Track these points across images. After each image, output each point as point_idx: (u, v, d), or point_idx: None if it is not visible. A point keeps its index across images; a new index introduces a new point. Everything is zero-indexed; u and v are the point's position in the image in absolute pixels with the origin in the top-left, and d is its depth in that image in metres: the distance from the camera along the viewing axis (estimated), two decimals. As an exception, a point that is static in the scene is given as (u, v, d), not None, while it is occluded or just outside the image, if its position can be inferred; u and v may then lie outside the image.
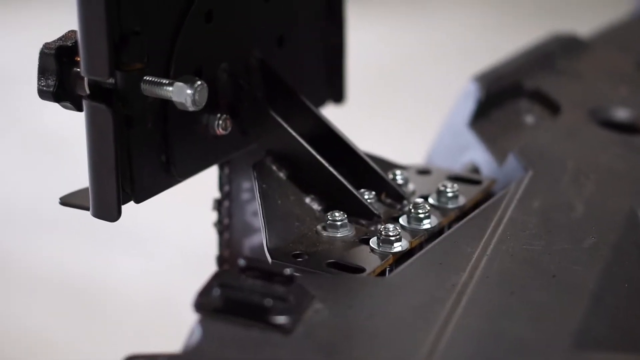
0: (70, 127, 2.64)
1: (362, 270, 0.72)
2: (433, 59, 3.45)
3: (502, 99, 1.00)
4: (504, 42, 3.41)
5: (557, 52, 1.08)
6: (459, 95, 1.01)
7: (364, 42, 3.37)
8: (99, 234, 2.37)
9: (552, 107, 0.99)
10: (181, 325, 0.87)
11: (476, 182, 0.85)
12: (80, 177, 0.77)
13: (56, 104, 0.73)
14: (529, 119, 0.99)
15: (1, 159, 2.77)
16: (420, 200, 0.79)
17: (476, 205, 0.82)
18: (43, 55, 0.71)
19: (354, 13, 0.95)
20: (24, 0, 3.94)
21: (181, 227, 2.43)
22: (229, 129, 0.79)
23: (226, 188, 0.89)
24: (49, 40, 0.72)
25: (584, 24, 1.68)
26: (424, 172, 0.87)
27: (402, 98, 3.17)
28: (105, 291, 2.25)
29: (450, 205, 0.81)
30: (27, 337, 2.09)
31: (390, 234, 0.74)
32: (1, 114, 3.04)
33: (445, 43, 3.58)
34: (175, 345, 0.68)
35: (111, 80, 0.70)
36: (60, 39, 0.72)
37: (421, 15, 3.85)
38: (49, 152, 2.81)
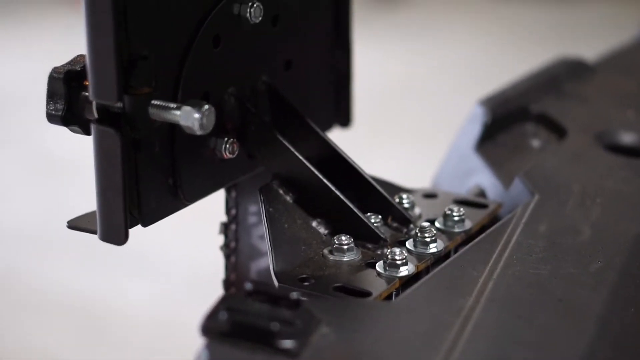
0: (77, 150, 2.65)
1: (368, 294, 0.72)
2: (439, 81, 3.45)
3: (508, 122, 1.01)
4: (511, 65, 3.42)
5: (564, 76, 1.08)
6: (465, 118, 1.01)
7: (371, 63, 3.38)
8: (106, 256, 2.38)
9: (558, 130, 0.99)
10: (188, 348, 0.87)
11: (482, 206, 0.85)
12: (88, 200, 0.78)
13: (64, 128, 0.73)
14: (535, 143, 1.00)
15: (10, 181, 2.78)
16: (426, 224, 0.80)
17: (482, 229, 0.82)
18: (52, 79, 0.72)
19: (360, 34, 0.95)
20: (36, 22, 3.96)
21: (188, 250, 2.44)
22: (236, 152, 0.79)
23: (233, 211, 0.89)
24: (53, 62, 0.72)
25: (590, 48, 1.69)
26: (430, 195, 0.87)
27: (408, 120, 3.17)
28: (112, 313, 2.25)
29: (456, 229, 0.81)
30: (34, 356, 2.09)
31: (397, 257, 0.75)
32: (8, 135, 3.05)
33: (451, 65, 3.59)
34: (182, 369, 0.68)
35: (119, 104, 0.70)
36: (69, 63, 0.72)
37: (428, 36, 3.86)
38: (57, 174, 2.82)
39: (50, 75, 0.72)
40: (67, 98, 0.72)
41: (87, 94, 0.71)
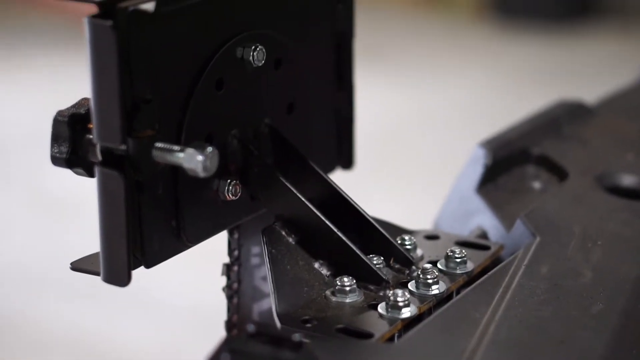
0: (80, 191, 2.65)
1: (370, 335, 0.72)
2: (437, 123, 3.46)
3: (509, 164, 1.01)
4: (509, 106, 3.43)
5: (564, 119, 1.09)
6: (466, 160, 1.02)
7: (373, 103, 3.40)
8: (109, 296, 2.37)
9: (559, 173, 1.00)
10: (190, 390, 0.87)
11: (484, 248, 0.85)
12: (90, 241, 0.78)
13: (68, 170, 0.74)
14: (536, 185, 1.00)
15: (13, 221, 2.78)
16: (428, 265, 0.80)
17: (484, 270, 0.82)
18: (56, 122, 0.72)
19: (363, 73, 0.96)
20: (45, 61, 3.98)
21: (190, 291, 2.43)
22: (239, 194, 0.80)
23: (235, 253, 0.89)
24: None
25: (590, 91, 1.70)
26: (432, 237, 0.88)
27: (410, 162, 3.18)
28: (115, 354, 2.25)
29: (458, 271, 0.81)
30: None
31: (399, 299, 0.75)
32: (9, 175, 3.05)
33: (452, 107, 3.60)
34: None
35: (123, 147, 0.70)
36: (73, 106, 0.73)
37: (430, 78, 3.88)
38: (59, 215, 2.82)
39: (54, 118, 0.72)
40: (72, 141, 0.72)
41: (91, 136, 0.72)
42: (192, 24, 0.75)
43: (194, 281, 2.38)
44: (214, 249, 0.98)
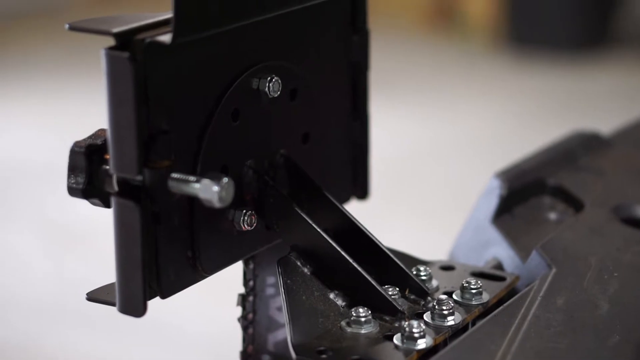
0: (95, 220, 2.66)
1: (386, 367, 0.72)
2: (456, 152, 3.46)
3: (525, 195, 1.01)
4: (526, 137, 3.43)
5: (580, 150, 1.09)
6: (482, 191, 1.02)
7: (387, 132, 3.40)
8: (125, 327, 2.37)
9: (575, 204, 0.99)
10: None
11: (500, 279, 0.85)
12: (105, 270, 0.78)
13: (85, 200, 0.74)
14: (552, 216, 1.00)
15: (28, 252, 2.79)
16: (444, 296, 0.80)
17: (500, 302, 0.82)
18: (73, 153, 0.73)
19: (377, 101, 0.96)
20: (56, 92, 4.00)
21: (205, 322, 2.43)
22: (254, 224, 0.80)
23: (251, 283, 0.89)
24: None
25: (606, 122, 1.70)
26: (447, 268, 0.88)
27: (425, 192, 3.18)
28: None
29: (474, 302, 0.81)
30: None
31: (414, 330, 0.75)
32: (27, 206, 3.07)
33: (467, 137, 3.60)
34: None
35: (139, 178, 0.71)
36: (90, 137, 0.73)
37: (445, 107, 3.88)
38: (74, 245, 2.83)
39: (71, 149, 0.73)
40: (88, 171, 0.73)
41: (107, 167, 0.72)
42: (208, 55, 0.75)
43: (209, 311, 2.38)
44: (230, 279, 0.98)
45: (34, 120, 3.73)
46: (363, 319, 0.77)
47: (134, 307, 0.72)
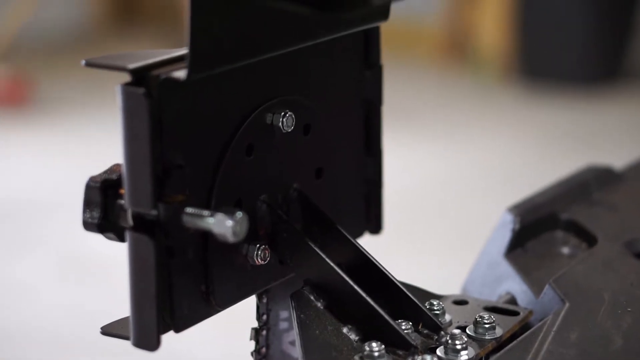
0: (110, 254, 2.66)
1: (399, 402, 0.72)
2: (468, 186, 3.46)
3: (538, 229, 1.01)
4: (539, 171, 3.43)
5: (592, 184, 1.09)
6: (494, 225, 1.02)
7: (399, 164, 3.40)
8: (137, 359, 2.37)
9: (588, 238, 0.99)
10: None
11: (513, 313, 0.85)
12: (119, 303, 0.79)
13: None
14: (565, 250, 1.00)
15: (42, 285, 2.79)
16: (457, 331, 0.80)
17: (513, 336, 0.82)
18: (89, 188, 0.73)
19: (389, 133, 0.96)
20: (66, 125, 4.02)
21: (219, 355, 2.43)
22: (268, 259, 0.80)
23: (264, 317, 0.89)
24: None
25: (619, 156, 1.70)
26: (460, 302, 0.88)
27: (437, 226, 3.17)
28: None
29: (487, 337, 0.81)
30: None
31: (428, 365, 0.75)
32: (42, 238, 3.07)
33: (479, 170, 3.60)
34: None
35: (154, 212, 0.71)
36: (105, 172, 0.74)
37: (456, 140, 3.88)
38: (88, 278, 2.83)
39: (87, 184, 0.73)
40: (103, 206, 0.73)
41: (122, 202, 0.73)
42: (223, 91, 0.76)
43: (222, 346, 2.37)
44: (243, 313, 0.98)
45: (47, 155, 3.75)
46: (376, 354, 0.77)
47: (148, 341, 0.72)
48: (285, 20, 0.76)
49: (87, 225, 0.73)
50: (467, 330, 0.81)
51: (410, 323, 0.81)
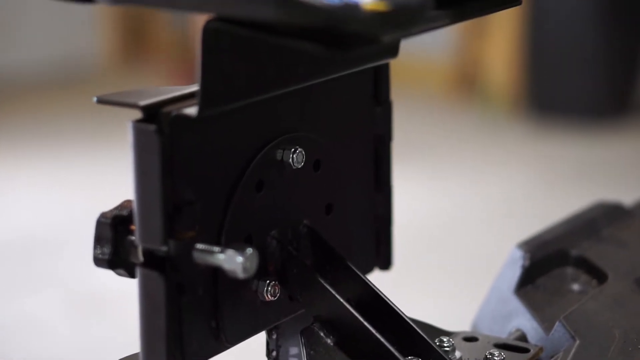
0: (120, 289, 2.66)
1: None
2: (477, 221, 3.46)
3: (548, 266, 1.01)
4: (548, 207, 3.42)
5: (602, 220, 1.09)
6: (504, 261, 1.02)
7: (407, 199, 3.40)
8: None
9: (598, 275, 0.99)
10: None
11: (523, 350, 0.85)
12: (128, 338, 0.78)
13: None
14: (576, 287, 1.00)
15: (53, 320, 2.79)
16: (467, 368, 0.79)
17: (524, 373, 0.82)
18: (100, 224, 0.73)
19: (397, 167, 0.97)
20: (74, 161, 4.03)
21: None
22: (278, 294, 0.80)
23: (274, 353, 0.89)
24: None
25: (628, 192, 1.70)
26: (470, 339, 0.87)
27: (446, 261, 3.17)
28: None
29: (497, 374, 0.80)
30: None
31: (438, 402, 0.74)
32: (51, 274, 3.08)
33: (488, 205, 3.60)
34: None
35: (164, 248, 0.71)
36: (116, 208, 0.74)
37: (466, 175, 3.88)
38: (97, 313, 2.83)
39: (97, 220, 0.74)
40: (114, 242, 0.73)
41: (133, 238, 0.73)
42: (233, 127, 0.76)
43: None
44: (253, 350, 0.98)
45: (59, 190, 3.76)
46: (386, 390, 0.76)
47: (158, 377, 0.72)
48: (295, 58, 0.76)
49: (98, 261, 0.73)
50: (478, 367, 0.81)
51: (420, 359, 0.81)
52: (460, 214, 3.54)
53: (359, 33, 0.66)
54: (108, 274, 0.78)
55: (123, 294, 2.68)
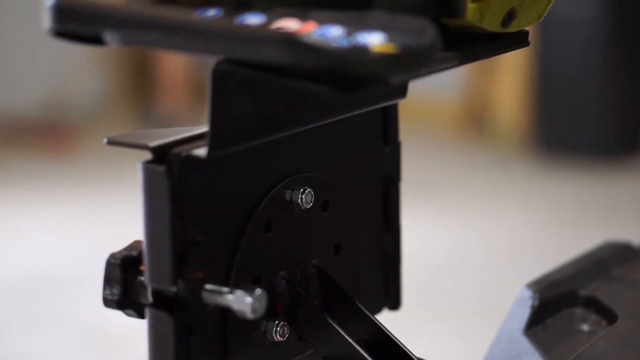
0: (129, 329, 2.66)
1: None
2: (486, 261, 3.45)
3: (557, 306, 1.01)
4: (557, 247, 3.42)
5: (612, 260, 1.09)
6: (513, 301, 1.02)
7: (417, 240, 3.40)
8: None
9: (608, 315, 0.99)
10: None
11: (533, 391, 0.85)
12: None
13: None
14: (585, 327, 0.99)
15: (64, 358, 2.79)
16: (476, 409, 0.79)
17: (533, 415, 0.81)
18: (109, 264, 0.74)
19: (407, 209, 0.97)
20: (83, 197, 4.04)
21: None
22: (287, 335, 0.80)
23: (283, 394, 0.89)
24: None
25: (638, 232, 1.69)
26: (480, 380, 0.87)
27: (455, 302, 3.16)
28: None
29: (507, 415, 0.80)
30: None
31: None
32: (62, 313, 3.08)
33: (497, 245, 3.59)
34: None
35: (173, 289, 0.72)
36: (125, 248, 0.75)
37: (475, 214, 3.88)
38: (109, 353, 2.83)
39: (107, 261, 0.74)
40: (123, 283, 0.74)
41: (142, 278, 0.73)
42: (242, 168, 0.76)
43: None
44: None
45: (69, 230, 3.77)
46: None
47: (167, 417, 0.72)
48: (303, 99, 0.77)
49: (107, 302, 0.74)
50: (487, 408, 0.81)
51: (430, 401, 0.80)
52: (468, 252, 3.53)
53: (367, 75, 0.67)
54: (117, 313, 0.78)
55: (134, 332, 2.67)
